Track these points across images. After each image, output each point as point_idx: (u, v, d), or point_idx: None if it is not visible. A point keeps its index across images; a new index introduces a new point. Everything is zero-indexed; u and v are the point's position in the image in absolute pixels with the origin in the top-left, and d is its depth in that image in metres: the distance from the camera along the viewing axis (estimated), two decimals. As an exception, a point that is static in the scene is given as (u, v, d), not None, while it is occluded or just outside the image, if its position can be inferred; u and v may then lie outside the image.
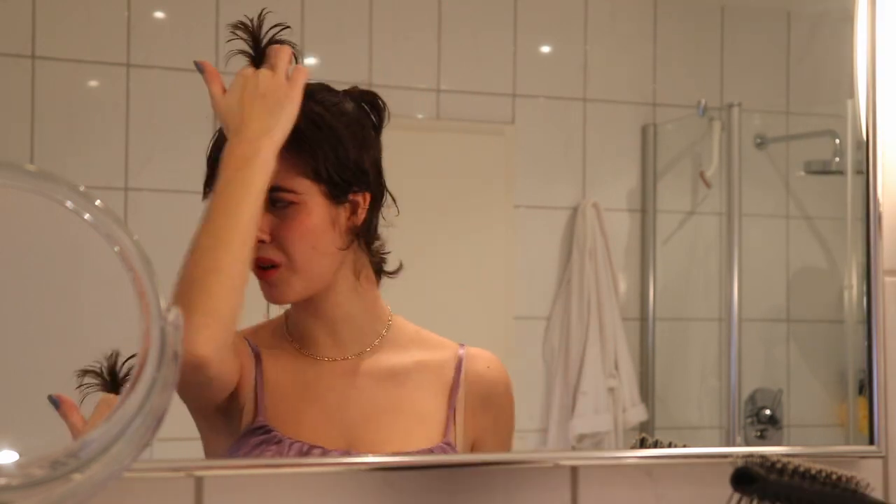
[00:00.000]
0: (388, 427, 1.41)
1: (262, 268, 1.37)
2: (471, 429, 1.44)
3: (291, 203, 1.36)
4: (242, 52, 1.37)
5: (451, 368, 1.45)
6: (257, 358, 1.38)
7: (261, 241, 1.35)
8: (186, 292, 1.26)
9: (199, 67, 1.36)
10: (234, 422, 1.36)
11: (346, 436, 1.38)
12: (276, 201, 1.36)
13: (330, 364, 1.41)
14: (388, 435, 1.41)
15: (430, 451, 1.41)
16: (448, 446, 1.42)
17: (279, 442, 1.35)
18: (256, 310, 1.40)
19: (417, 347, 1.46)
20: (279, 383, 1.39)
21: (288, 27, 1.37)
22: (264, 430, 1.35)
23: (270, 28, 1.36)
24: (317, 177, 1.37)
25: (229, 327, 1.29)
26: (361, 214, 1.40)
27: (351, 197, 1.39)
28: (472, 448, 1.45)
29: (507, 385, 1.49)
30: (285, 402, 1.38)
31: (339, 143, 1.38)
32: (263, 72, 1.36)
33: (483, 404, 1.45)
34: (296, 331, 1.42)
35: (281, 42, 1.38)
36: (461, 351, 1.46)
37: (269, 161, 1.32)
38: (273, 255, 1.36)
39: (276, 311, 1.43)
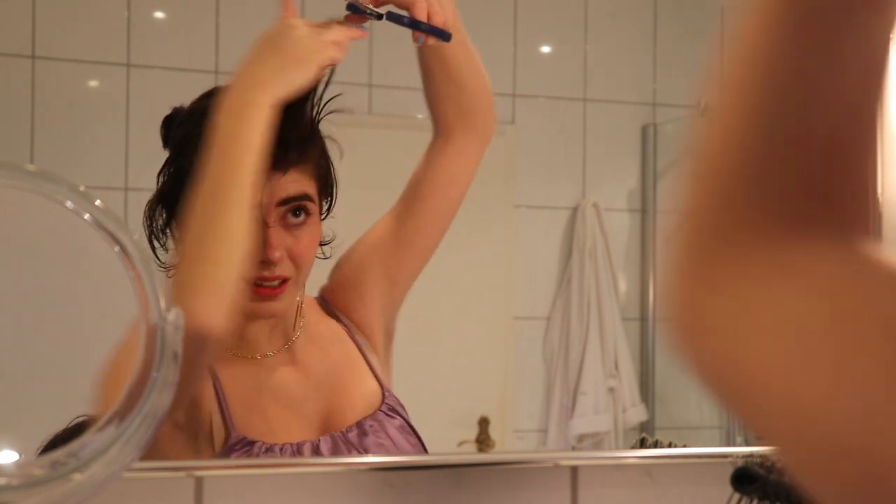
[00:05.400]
0: (346, 404, 1.35)
1: (270, 286, 1.26)
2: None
3: (308, 214, 1.29)
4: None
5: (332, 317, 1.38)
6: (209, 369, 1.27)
7: (274, 261, 1.25)
8: (192, 259, 1.14)
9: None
10: (198, 440, 1.27)
11: (317, 426, 1.33)
12: (298, 211, 1.28)
13: (268, 360, 1.33)
14: (351, 412, 1.35)
15: (387, 404, 1.36)
16: (389, 393, 1.37)
17: (269, 450, 1.28)
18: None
19: (307, 314, 1.37)
20: (237, 391, 1.29)
21: None
22: (244, 442, 1.28)
23: None
24: (320, 183, 1.30)
25: (232, 303, 1.15)
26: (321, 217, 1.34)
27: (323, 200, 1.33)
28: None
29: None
30: (250, 409, 1.30)
31: (322, 140, 1.31)
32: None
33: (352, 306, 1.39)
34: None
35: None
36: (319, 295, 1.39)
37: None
38: (286, 271, 1.27)
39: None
